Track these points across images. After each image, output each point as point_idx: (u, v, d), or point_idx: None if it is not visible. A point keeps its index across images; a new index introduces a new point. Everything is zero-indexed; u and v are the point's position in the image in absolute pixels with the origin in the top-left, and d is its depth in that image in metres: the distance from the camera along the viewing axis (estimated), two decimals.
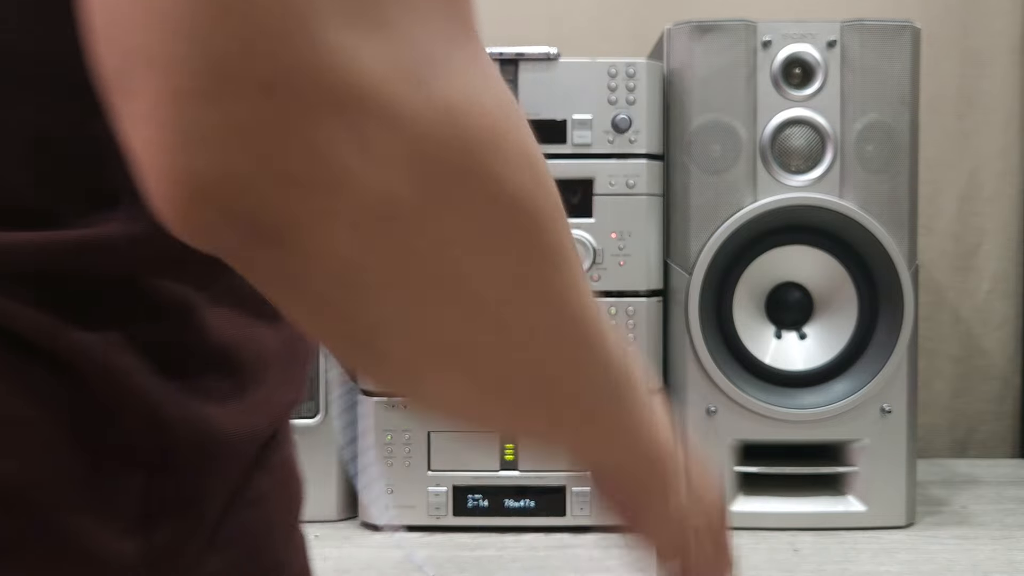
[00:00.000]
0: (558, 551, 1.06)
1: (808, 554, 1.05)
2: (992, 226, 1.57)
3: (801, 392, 1.13)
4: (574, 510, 1.12)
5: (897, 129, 1.11)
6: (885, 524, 1.13)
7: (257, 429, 0.42)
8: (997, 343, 1.57)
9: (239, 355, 0.40)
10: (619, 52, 1.47)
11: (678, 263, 1.13)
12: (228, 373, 0.40)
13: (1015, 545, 1.07)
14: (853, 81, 1.11)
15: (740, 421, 1.12)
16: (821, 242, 1.14)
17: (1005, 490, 1.30)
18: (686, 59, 1.12)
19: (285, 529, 0.48)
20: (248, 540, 0.42)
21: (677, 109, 1.13)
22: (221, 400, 0.39)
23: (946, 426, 1.57)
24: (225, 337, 0.40)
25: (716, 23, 1.12)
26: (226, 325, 0.40)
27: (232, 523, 0.40)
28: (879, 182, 1.11)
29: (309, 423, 1.14)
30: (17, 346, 0.35)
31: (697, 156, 1.12)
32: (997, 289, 1.57)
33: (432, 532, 1.12)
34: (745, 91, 1.12)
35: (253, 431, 0.41)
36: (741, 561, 1.03)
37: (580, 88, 1.11)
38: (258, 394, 0.41)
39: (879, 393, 1.12)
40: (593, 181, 1.11)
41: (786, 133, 1.12)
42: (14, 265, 0.35)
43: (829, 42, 1.11)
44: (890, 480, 1.13)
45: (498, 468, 1.12)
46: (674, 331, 1.14)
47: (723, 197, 1.12)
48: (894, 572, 0.99)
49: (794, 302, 1.15)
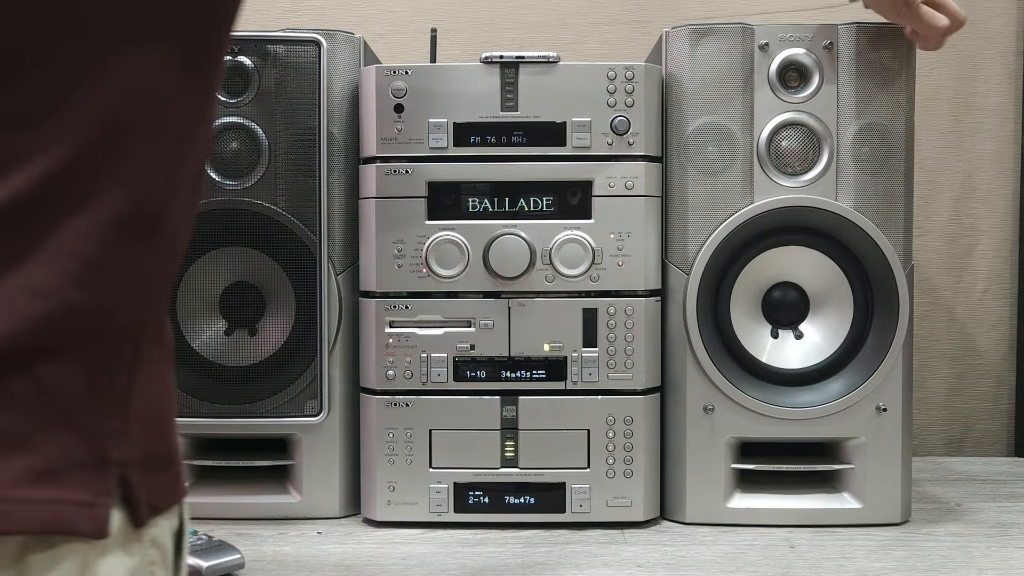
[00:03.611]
0: (558, 547, 1.07)
1: (804, 550, 1.06)
2: (987, 227, 1.58)
3: (797, 390, 1.14)
4: (574, 507, 1.13)
5: (892, 131, 1.13)
6: (881, 521, 1.14)
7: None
8: (992, 342, 1.59)
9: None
10: (618, 55, 1.49)
11: (676, 263, 1.15)
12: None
13: (1010, 542, 1.08)
14: (849, 84, 1.12)
15: (737, 419, 1.14)
16: (817, 243, 1.15)
17: (1000, 488, 1.32)
18: (684, 62, 1.13)
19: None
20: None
21: (675, 112, 1.14)
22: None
23: (941, 424, 1.59)
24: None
25: (713, 26, 1.13)
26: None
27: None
28: (875, 183, 1.13)
29: (311, 422, 1.15)
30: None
31: (695, 158, 1.13)
32: (992, 289, 1.58)
33: (433, 528, 1.13)
34: (742, 94, 1.13)
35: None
36: (737, 558, 1.05)
37: (579, 91, 1.13)
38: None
39: (875, 392, 1.13)
40: (592, 183, 1.13)
41: (783, 135, 1.13)
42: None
43: (825, 45, 1.12)
44: (886, 478, 1.14)
45: (499, 465, 1.13)
46: (672, 330, 1.15)
47: (720, 198, 1.13)
48: (889, 569, 1.00)
49: (791, 302, 1.16)
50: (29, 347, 0.46)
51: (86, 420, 0.48)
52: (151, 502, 0.51)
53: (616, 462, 1.13)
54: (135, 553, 0.50)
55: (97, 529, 0.47)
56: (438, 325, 1.14)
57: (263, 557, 1.04)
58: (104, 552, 0.48)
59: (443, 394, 1.14)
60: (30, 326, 0.45)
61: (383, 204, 1.13)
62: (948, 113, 1.57)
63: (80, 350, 0.47)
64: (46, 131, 0.46)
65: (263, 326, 1.17)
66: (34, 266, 0.46)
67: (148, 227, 0.50)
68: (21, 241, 0.46)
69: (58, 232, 0.46)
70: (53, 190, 0.46)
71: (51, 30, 0.46)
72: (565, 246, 1.12)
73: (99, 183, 0.47)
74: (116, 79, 0.47)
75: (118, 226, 0.48)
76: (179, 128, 0.51)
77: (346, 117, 1.17)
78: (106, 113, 0.47)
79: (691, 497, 1.15)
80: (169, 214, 0.51)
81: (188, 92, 0.51)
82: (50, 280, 0.46)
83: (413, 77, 1.13)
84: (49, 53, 0.46)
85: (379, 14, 1.57)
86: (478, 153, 1.13)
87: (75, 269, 0.47)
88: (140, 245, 0.49)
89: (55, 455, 0.46)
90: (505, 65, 1.13)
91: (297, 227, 1.14)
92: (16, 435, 0.46)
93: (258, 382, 1.16)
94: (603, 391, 1.13)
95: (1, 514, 0.44)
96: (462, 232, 1.13)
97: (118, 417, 0.49)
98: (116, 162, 0.48)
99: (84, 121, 0.47)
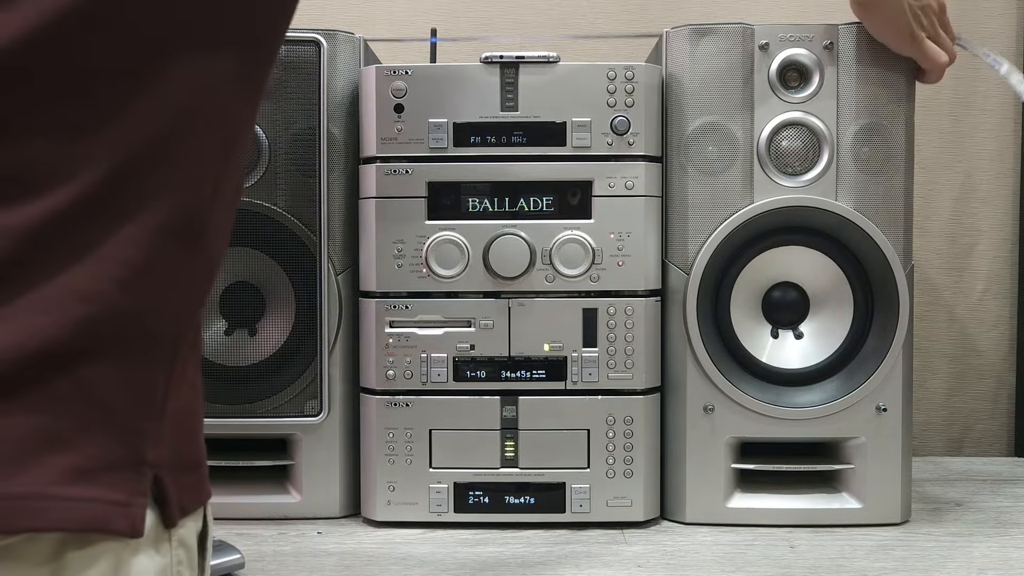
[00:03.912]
0: (558, 547, 1.07)
1: (804, 550, 1.06)
2: (987, 227, 1.58)
3: (797, 390, 1.14)
4: (574, 507, 1.13)
5: (893, 131, 1.13)
6: (880, 521, 1.14)
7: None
8: (992, 342, 1.59)
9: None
10: (618, 55, 1.49)
11: (676, 263, 1.15)
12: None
13: (1010, 542, 1.08)
14: (849, 84, 1.12)
15: (737, 419, 1.14)
16: (817, 243, 1.15)
17: (1000, 488, 1.32)
18: (684, 62, 1.13)
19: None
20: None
21: (675, 112, 1.14)
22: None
23: (941, 424, 1.59)
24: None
25: (714, 26, 1.13)
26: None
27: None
28: (875, 183, 1.13)
29: (311, 422, 1.15)
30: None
31: (695, 158, 1.13)
32: (992, 289, 1.58)
33: (433, 528, 1.13)
34: (742, 94, 1.13)
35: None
36: (737, 558, 1.05)
37: (579, 91, 1.13)
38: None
39: (875, 392, 1.13)
40: (592, 183, 1.13)
41: (783, 135, 1.13)
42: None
43: (825, 45, 1.12)
44: (886, 478, 1.14)
45: (499, 465, 1.13)
46: (672, 330, 1.15)
47: (720, 198, 1.13)
48: (889, 569, 1.00)
49: (791, 302, 1.16)
50: (74, 349, 0.46)
51: (125, 421, 0.49)
52: (181, 503, 0.52)
53: (616, 462, 1.13)
54: (165, 553, 0.51)
55: (132, 528, 0.48)
56: (438, 325, 1.14)
57: (263, 557, 1.04)
58: (137, 551, 0.49)
59: (443, 394, 1.14)
60: (75, 329, 0.46)
61: (383, 204, 1.13)
62: (948, 113, 1.57)
63: (122, 353, 0.48)
64: (104, 138, 0.47)
65: (263, 326, 1.17)
66: (83, 269, 0.47)
67: (193, 235, 0.51)
68: (74, 245, 0.47)
69: (110, 237, 0.47)
70: (108, 196, 0.47)
71: (113, 42, 0.47)
72: (565, 246, 1.12)
73: (151, 190, 0.48)
74: (173, 89, 0.49)
75: (166, 233, 0.49)
76: (229, 137, 0.52)
77: (346, 117, 1.17)
78: (162, 122, 0.48)
79: (691, 497, 1.15)
80: (212, 222, 0.52)
81: (239, 101, 0.52)
82: (96, 284, 0.47)
83: (413, 77, 1.13)
84: (110, 63, 0.47)
85: (379, 14, 1.57)
86: (478, 153, 1.13)
87: (121, 274, 0.47)
88: (184, 252, 0.50)
89: (94, 455, 0.47)
90: (505, 65, 1.13)
91: (297, 227, 1.14)
92: (57, 434, 0.46)
93: (258, 382, 1.16)
94: (603, 391, 1.13)
95: (41, 511, 0.45)
96: (462, 232, 1.13)
97: (155, 419, 0.50)
98: (168, 170, 0.49)
99: (140, 129, 0.48)
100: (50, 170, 0.46)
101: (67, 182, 0.46)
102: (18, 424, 0.45)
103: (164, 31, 0.48)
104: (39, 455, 0.46)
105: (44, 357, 0.46)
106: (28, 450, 0.45)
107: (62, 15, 0.45)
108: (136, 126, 0.48)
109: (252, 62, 0.53)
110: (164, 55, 0.48)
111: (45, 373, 0.46)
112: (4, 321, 0.45)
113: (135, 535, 0.49)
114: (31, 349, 0.45)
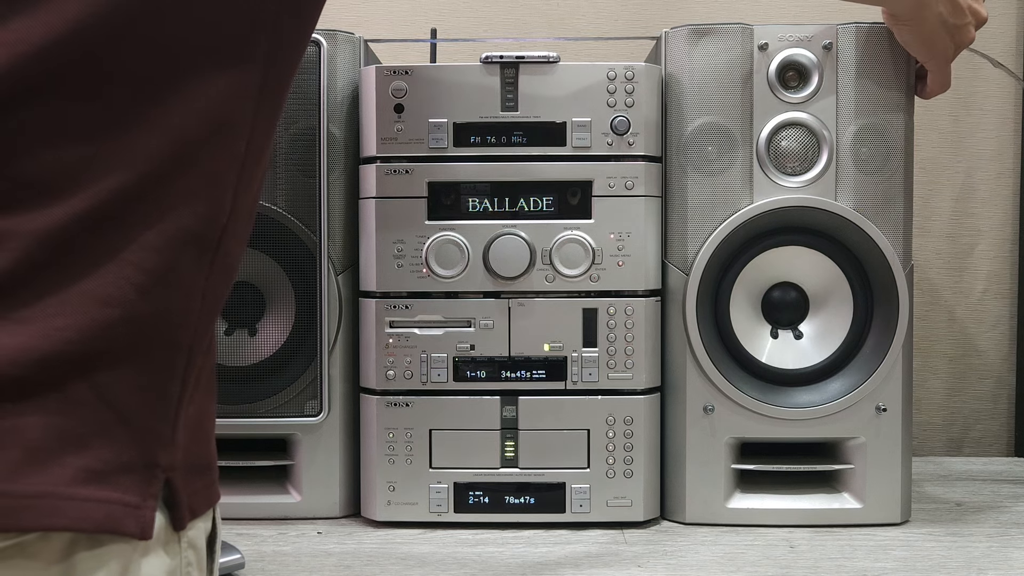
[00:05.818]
0: (558, 547, 1.07)
1: (804, 551, 1.06)
2: (987, 227, 1.58)
3: (797, 391, 1.14)
4: (574, 507, 1.13)
5: (892, 131, 1.13)
6: (880, 521, 1.14)
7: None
8: (992, 342, 1.59)
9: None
10: (618, 55, 1.49)
11: (676, 263, 1.15)
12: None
13: (1010, 543, 1.08)
14: (848, 84, 1.12)
15: (737, 419, 1.14)
16: (817, 243, 1.15)
17: (1000, 488, 1.32)
18: (683, 62, 1.13)
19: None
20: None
21: (675, 112, 1.14)
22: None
23: (941, 424, 1.59)
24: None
25: (713, 26, 1.13)
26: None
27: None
28: (874, 183, 1.13)
29: (311, 422, 1.15)
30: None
31: (695, 158, 1.13)
32: (992, 289, 1.58)
33: (433, 528, 1.13)
34: (742, 94, 1.13)
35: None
36: (737, 558, 1.05)
37: (579, 91, 1.13)
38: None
39: (874, 392, 1.13)
40: (592, 183, 1.13)
41: (782, 135, 1.13)
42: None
43: (825, 45, 1.12)
44: (885, 478, 1.14)
45: (499, 465, 1.13)
46: (672, 330, 1.15)
47: (720, 199, 1.13)
48: (889, 569, 1.00)
49: (790, 302, 1.16)
50: (91, 353, 0.47)
51: (140, 425, 0.49)
52: (191, 506, 0.53)
53: (616, 462, 1.13)
54: (174, 555, 0.52)
55: (143, 530, 0.49)
56: (438, 325, 1.14)
57: (263, 557, 1.04)
58: (146, 553, 0.50)
59: (443, 394, 1.14)
60: (93, 332, 0.47)
61: (383, 204, 1.13)
62: (948, 113, 1.57)
63: (139, 358, 0.49)
64: (125, 146, 0.48)
65: (263, 326, 1.17)
66: (102, 274, 0.47)
67: (212, 242, 0.51)
68: (94, 250, 0.47)
69: (129, 243, 0.48)
70: (129, 202, 0.48)
71: (135, 52, 0.48)
72: (565, 246, 1.12)
73: (171, 198, 0.49)
74: (197, 99, 0.49)
75: (185, 240, 0.50)
76: (248, 150, 0.52)
77: (346, 117, 1.17)
78: (183, 132, 0.49)
79: (691, 497, 1.15)
80: (230, 232, 0.52)
81: (262, 114, 0.53)
82: (116, 289, 0.47)
83: (413, 77, 1.13)
84: (131, 72, 0.48)
85: (379, 14, 1.57)
86: (478, 153, 1.13)
87: (141, 280, 0.48)
88: (202, 260, 0.51)
89: (108, 457, 0.48)
90: (505, 65, 1.13)
91: (297, 227, 1.14)
92: (74, 436, 0.47)
93: (258, 382, 1.16)
94: (603, 391, 1.13)
95: (55, 510, 0.46)
96: (462, 232, 1.13)
97: (169, 424, 0.51)
98: (188, 179, 0.49)
99: (162, 138, 0.48)
100: (71, 176, 0.46)
101: (88, 188, 0.47)
102: (34, 425, 0.46)
103: (186, 42, 0.48)
104: (54, 456, 0.46)
105: (61, 360, 0.46)
106: (43, 450, 0.46)
107: (85, 24, 0.46)
108: (158, 135, 0.48)
109: (274, 78, 0.53)
110: (186, 66, 0.49)
111: (62, 376, 0.46)
112: (23, 323, 0.45)
113: (144, 537, 0.49)
114: (49, 352, 0.46)
